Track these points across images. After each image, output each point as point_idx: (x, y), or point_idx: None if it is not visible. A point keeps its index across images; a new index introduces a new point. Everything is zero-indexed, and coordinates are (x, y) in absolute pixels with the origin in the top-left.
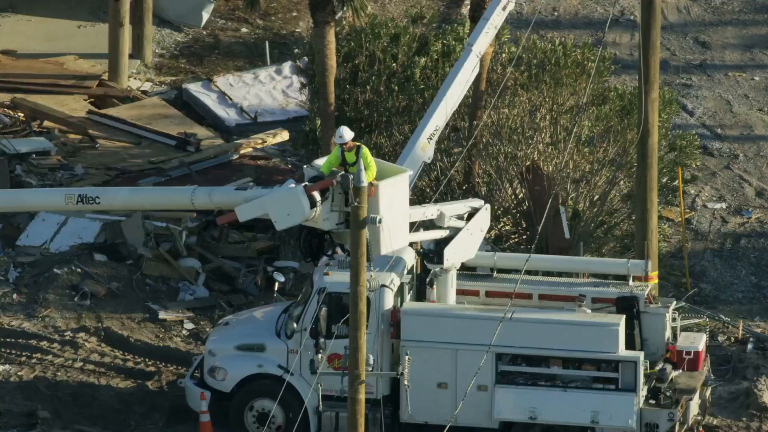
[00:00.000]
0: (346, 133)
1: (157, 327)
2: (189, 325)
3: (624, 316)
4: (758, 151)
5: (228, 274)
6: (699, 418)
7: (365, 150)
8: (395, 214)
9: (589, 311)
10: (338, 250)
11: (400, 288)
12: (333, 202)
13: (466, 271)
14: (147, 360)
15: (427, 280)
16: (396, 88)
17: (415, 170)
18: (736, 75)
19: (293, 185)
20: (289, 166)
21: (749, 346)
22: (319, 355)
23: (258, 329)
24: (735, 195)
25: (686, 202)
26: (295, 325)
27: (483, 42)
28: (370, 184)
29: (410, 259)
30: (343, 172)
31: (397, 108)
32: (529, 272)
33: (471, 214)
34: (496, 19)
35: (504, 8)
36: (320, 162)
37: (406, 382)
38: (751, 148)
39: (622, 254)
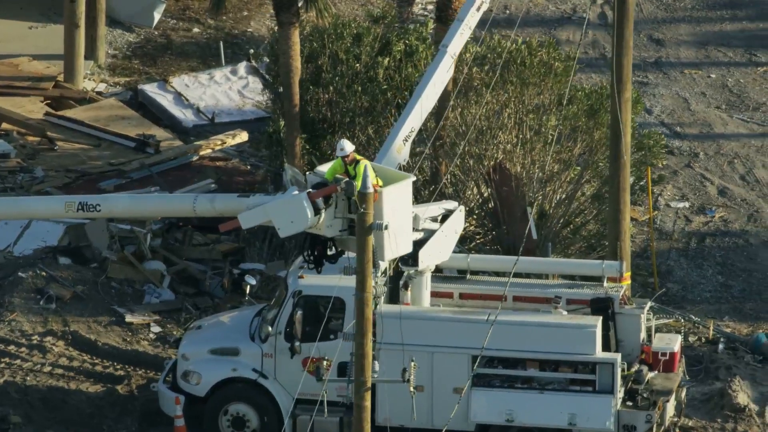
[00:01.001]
0: (347, 146)
1: (123, 330)
2: (156, 329)
3: (601, 318)
4: (718, 149)
5: (193, 276)
6: (675, 419)
7: (360, 166)
8: (400, 220)
9: (565, 313)
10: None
11: (375, 290)
12: (336, 209)
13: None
14: (115, 364)
15: (402, 282)
16: (359, 88)
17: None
18: (692, 72)
19: (297, 192)
20: (248, 167)
21: (720, 346)
22: (325, 362)
23: (231, 333)
24: (697, 194)
25: (641, 200)
26: (270, 328)
27: (458, 43)
28: (374, 190)
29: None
30: (348, 179)
31: (360, 109)
32: (498, 274)
33: (445, 216)
34: (470, 20)
35: (478, 9)
36: (323, 168)
37: (411, 389)
38: (711, 147)
39: (588, 254)
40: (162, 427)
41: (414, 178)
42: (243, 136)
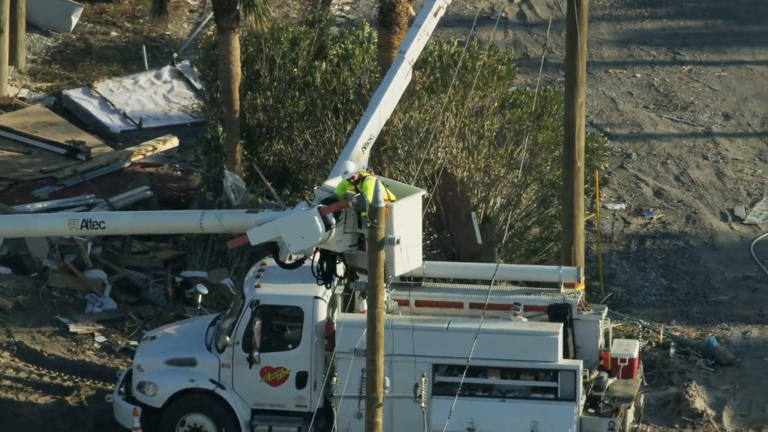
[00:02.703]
0: (351, 168)
1: (68, 340)
2: (100, 338)
3: (562, 325)
4: (650, 149)
5: (134, 284)
6: (635, 426)
7: (368, 182)
8: (410, 234)
9: (525, 320)
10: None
11: (333, 299)
12: (346, 224)
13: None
14: (63, 374)
15: (359, 291)
16: (297, 93)
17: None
18: (617, 72)
19: (306, 208)
20: (179, 172)
21: (672, 350)
22: (335, 379)
23: (187, 343)
24: (633, 195)
25: (586, 203)
26: (227, 338)
27: (415, 48)
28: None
29: (340, 269)
30: (359, 194)
31: (298, 113)
32: (444, 280)
33: None
34: (428, 26)
35: (435, 14)
36: (331, 183)
37: (423, 405)
38: (643, 147)
39: (529, 259)
40: None
41: (424, 192)
42: (174, 142)
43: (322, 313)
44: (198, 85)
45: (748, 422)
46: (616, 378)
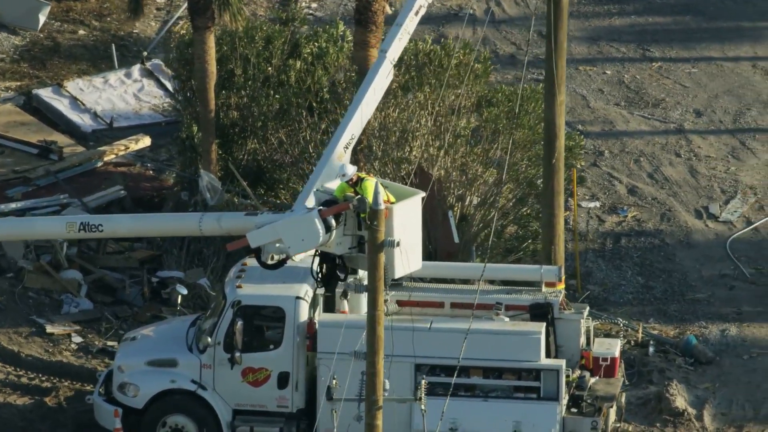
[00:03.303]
0: (349, 170)
1: (45, 341)
2: (77, 339)
3: (544, 324)
4: (623, 147)
5: (110, 285)
6: (617, 425)
7: (366, 183)
8: (410, 236)
9: (507, 319)
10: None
11: (314, 299)
12: (345, 226)
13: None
14: (41, 375)
15: (341, 291)
16: (272, 92)
17: (331, 180)
18: (587, 69)
19: (307, 210)
20: (151, 172)
21: (651, 349)
22: (334, 381)
23: (168, 344)
24: (607, 193)
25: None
26: (208, 339)
27: (397, 48)
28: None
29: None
30: (360, 196)
31: (272, 112)
32: (422, 279)
33: None
34: (409, 25)
35: (416, 13)
36: (331, 186)
37: (422, 407)
38: (615, 145)
39: (505, 258)
40: None
41: (424, 194)
42: (146, 141)
43: (304, 314)
44: (169, 84)
45: (728, 421)
46: (597, 377)
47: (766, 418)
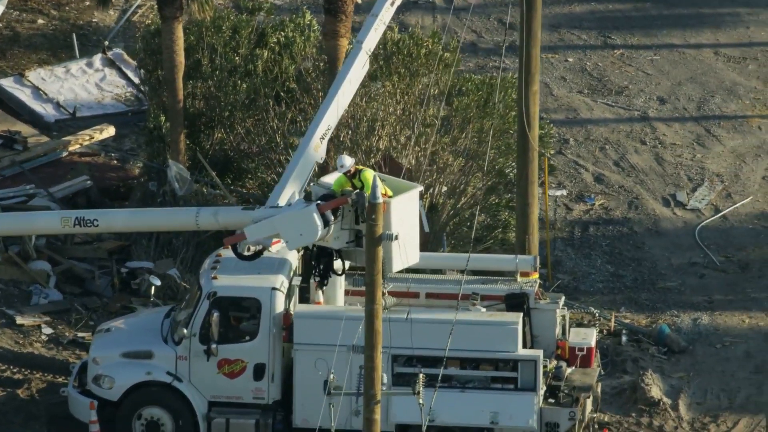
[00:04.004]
0: (347, 162)
1: (15, 333)
2: (47, 330)
3: (521, 314)
4: (587, 135)
5: (79, 275)
6: (593, 415)
7: (365, 175)
8: (408, 230)
9: (483, 310)
10: None
11: (289, 290)
12: (343, 221)
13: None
14: (12, 367)
15: (317, 281)
16: (239, 82)
17: (307, 171)
18: (549, 57)
19: (305, 205)
20: (115, 161)
21: (623, 338)
22: (332, 376)
23: (143, 335)
24: (574, 181)
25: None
26: (184, 330)
27: (373, 38)
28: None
29: (294, 260)
30: (358, 190)
31: (239, 102)
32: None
33: None
34: (384, 15)
35: (392, 4)
36: (327, 180)
37: (420, 401)
38: (580, 132)
39: (475, 247)
40: None
41: (421, 188)
42: (110, 131)
43: (280, 305)
44: (131, 73)
45: (704, 410)
46: (574, 367)
47: (742, 408)
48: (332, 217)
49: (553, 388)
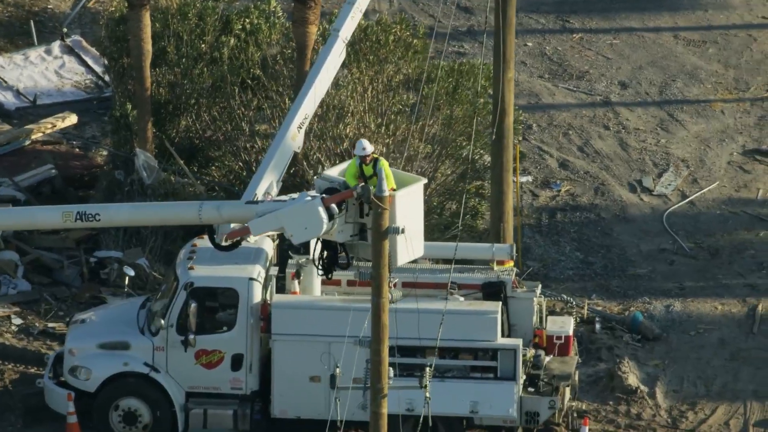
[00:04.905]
0: (369, 146)
1: None
2: (17, 320)
3: (500, 303)
4: (550, 120)
5: (47, 265)
6: (572, 403)
7: (383, 162)
8: (413, 223)
9: (462, 299)
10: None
11: (266, 280)
12: (347, 214)
13: None
14: None
15: (293, 271)
16: (204, 69)
17: (285, 160)
18: None
19: (310, 198)
20: (77, 150)
21: (597, 326)
22: (337, 369)
23: (119, 326)
24: (539, 167)
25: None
26: (162, 321)
27: (349, 26)
28: None
29: (270, 250)
30: (363, 184)
31: (205, 89)
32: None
33: None
34: (361, 3)
35: None
36: (330, 173)
37: (427, 395)
38: (543, 118)
39: (444, 234)
40: (49, 423)
41: (425, 181)
42: (72, 119)
43: (258, 295)
44: (90, 60)
45: (681, 398)
46: (552, 356)
47: (719, 395)
48: (337, 211)
49: (532, 377)
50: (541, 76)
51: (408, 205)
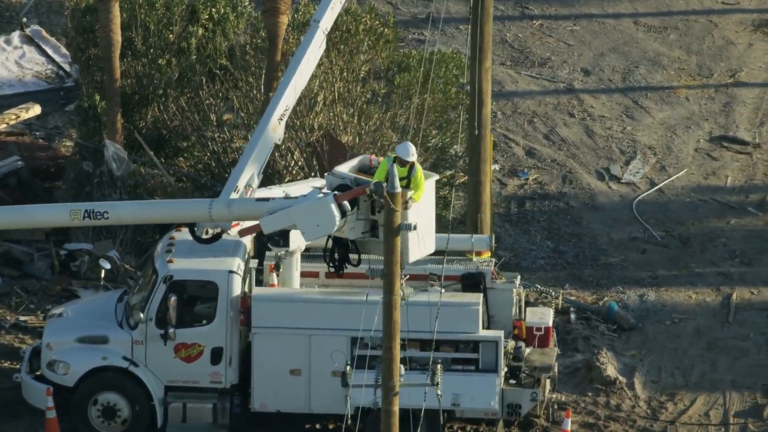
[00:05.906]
0: (414, 153)
1: None
2: None
3: (481, 295)
4: (515, 108)
5: (17, 258)
6: (552, 395)
7: (419, 168)
8: (424, 220)
9: (442, 291)
10: None
11: (245, 273)
12: (359, 211)
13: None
14: None
15: (273, 263)
16: (173, 59)
17: (266, 152)
18: (467, 28)
19: (322, 195)
20: (41, 141)
21: (572, 316)
22: (348, 368)
23: (97, 320)
24: (505, 156)
25: (459, 165)
26: (141, 315)
27: (329, 17)
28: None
29: (248, 242)
30: (377, 181)
31: (173, 80)
32: None
33: None
34: None
35: None
36: (341, 169)
37: (438, 392)
38: (507, 106)
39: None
40: (26, 417)
41: (437, 177)
42: (36, 110)
43: (237, 288)
44: (50, 50)
45: (659, 389)
46: (532, 347)
47: (697, 386)
48: (349, 208)
49: (513, 369)
50: (503, 63)
51: (420, 202)
